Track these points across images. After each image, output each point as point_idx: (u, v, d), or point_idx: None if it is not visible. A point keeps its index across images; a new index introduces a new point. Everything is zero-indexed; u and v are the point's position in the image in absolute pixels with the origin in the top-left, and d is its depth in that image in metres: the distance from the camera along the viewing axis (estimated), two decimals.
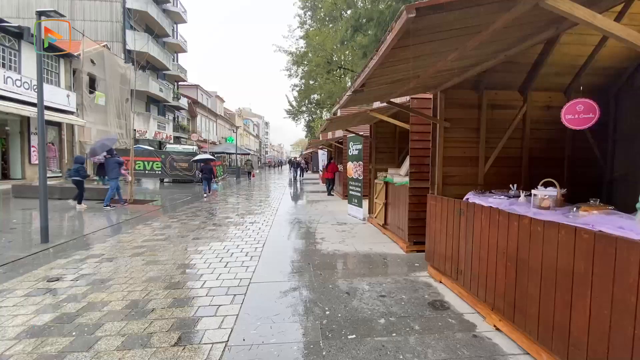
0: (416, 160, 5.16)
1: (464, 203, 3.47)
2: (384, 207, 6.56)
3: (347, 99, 3.10)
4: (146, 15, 25.18)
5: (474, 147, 4.35)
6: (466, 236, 3.40)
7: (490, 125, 4.34)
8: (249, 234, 6.58)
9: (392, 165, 7.60)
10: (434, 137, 4.32)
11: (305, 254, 5.27)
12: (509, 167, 4.45)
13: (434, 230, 4.11)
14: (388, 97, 3.91)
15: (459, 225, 3.54)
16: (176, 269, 4.53)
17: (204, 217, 8.58)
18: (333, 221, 8.06)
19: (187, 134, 33.24)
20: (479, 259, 3.17)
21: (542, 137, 4.44)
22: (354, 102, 3.60)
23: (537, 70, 4.15)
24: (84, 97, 18.92)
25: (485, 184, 4.35)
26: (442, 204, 3.90)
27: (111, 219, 8.17)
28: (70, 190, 11.39)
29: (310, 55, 25.32)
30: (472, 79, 4.21)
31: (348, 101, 3.24)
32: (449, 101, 4.24)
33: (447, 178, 4.32)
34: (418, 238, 5.21)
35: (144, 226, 7.40)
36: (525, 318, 2.54)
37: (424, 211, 5.13)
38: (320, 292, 3.71)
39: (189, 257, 5.05)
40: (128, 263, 4.78)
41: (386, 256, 5.11)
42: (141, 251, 5.37)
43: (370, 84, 2.67)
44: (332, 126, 6.66)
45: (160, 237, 6.32)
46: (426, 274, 4.29)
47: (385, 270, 4.49)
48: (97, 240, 6.12)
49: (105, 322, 3.05)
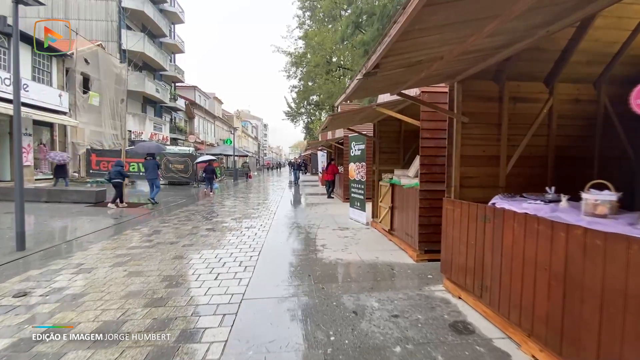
0: (427, 160, 4.69)
1: (489, 208, 3.00)
2: (389, 211, 6.08)
3: (356, 85, 2.63)
4: (142, 14, 24.74)
5: (494, 145, 3.88)
6: (493, 247, 2.93)
7: (512, 121, 3.88)
8: (244, 241, 6.09)
9: (397, 166, 7.14)
10: (451, 134, 3.85)
11: (305, 263, 4.79)
12: (533, 168, 3.99)
13: (452, 239, 3.63)
14: (400, 87, 3.45)
15: (484, 233, 3.07)
16: (160, 281, 4.03)
17: (198, 221, 8.08)
18: (334, 226, 7.58)
19: (184, 136, 32.72)
20: (511, 274, 2.70)
21: (570, 134, 3.98)
22: (363, 91, 3.13)
23: (565, 59, 3.69)
24: (77, 97, 18.41)
25: (507, 186, 3.89)
26: (462, 209, 3.42)
27: (99, 223, 7.65)
28: (59, 193, 10.90)
29: (309, 56, 24.93)
30: (492, 69, 3.76)
31: (357, 88, 2.77)
32: (467, 93, 3.78)
33: (464, 180, 3.86)
34: (429, 246, 4.73)
35: (132, 231, 6.90)
36: (579, 350, 2.06)
37: (436, 216, 4.67)
38: (323, 311, 3.22)
39: (177, 268, 4.55)
40: (108, 274, 4.29)
41: (394, 266, 4.63)
42: (125, 260, 4.88)
43: (385, 66, 2.20)
44: (334, 124, 6.20)
45: (148, 244, 5.82)
46: (442, 288, 3.81)
47: (395, 283, 4.01)
48: (79, 248, 5.61)
49: (68, 351, 2.55)
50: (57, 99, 16.98)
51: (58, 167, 12.94)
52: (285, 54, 26.44)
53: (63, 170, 13.13)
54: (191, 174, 18.59)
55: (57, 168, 12.95)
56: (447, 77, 3.57)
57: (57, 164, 12.90)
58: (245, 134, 60.71)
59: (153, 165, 10.87)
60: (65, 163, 13.36)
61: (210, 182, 14.95)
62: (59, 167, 12.95)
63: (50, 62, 17.19)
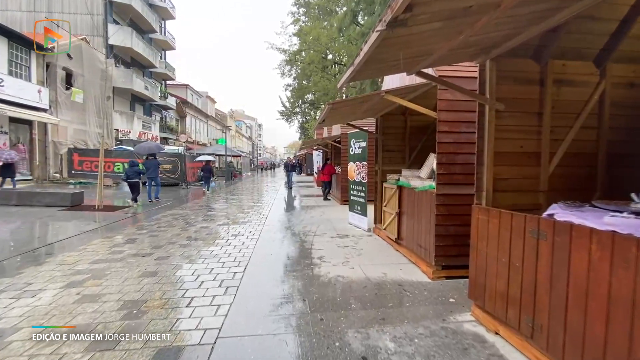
0: (445, 158, 3.93)
1: (546, 221, 2.24)
2: (396, 218, 5.32)
3: (371, 50, 1.82)
4: (130, 8, 23.70)
5: (534, 139, 3.14)
6: (553, 274, 2.17)
7: (555, 109, 3.13)
8: (228, 252, 5.27)
9: (402, 165, 6.38)
10: (481, 126, 3.09)
11: (300, 283, 3.99)
12: (580, 167, 3.24)
13: (484, 257, 2.87)
14: (420, 62, 2.67)
15: (536, 254, 2.31)
16: (118, 309, 3.21)
17: (180, 227, 7.24)
18: (332, 232, 6.79)
19: (175, 135, 31.71)
20: (585, 315, 1.94)
21: (625, 126, 3.24)
22: (375, 63, 2.34)
23: (624, 32, 2.96)
24: (58, 93, 17.41)
25: (549, 190, 3.14)
26: (501, 220, 2.66)
27: (67, 230, 6.77)
28: (31, 196, 9.96)
29: (304, 54, 24.15)
30: (532, 44, 3.02)
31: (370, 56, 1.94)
32: (501, 74, 3.03)
33: (497, 182, 3.10)
34: (448, 260, 3.97)
35: (103, 240, 6.05)
36: None
37: (455, 225, 3.93)
38: (323, 357, 2.43)
39: (143, 289, 3.73)
40: (56, 299, 3.45)
41: (407, 286, 3.86)
42: (82, 279, 4.04)
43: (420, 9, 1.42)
44: (333, 116, 5.41)
45: (117, 257, 4.98)
46: (471, 318, 3.04)
47: (411, 310, 3.23)
48: (34, 261, 4.76)
49: None
50: (37, 95, 16.00)
51: (5, 166, 12.02)
52: (280, 51, 25.65)
53: (10, 170, 12.26)
54: (180, 175, 17.66)
55: (4, 167, 12.02)
56: (480, 50, 2.81)
57: (4, 163, 11.96)
58: (239, 134, 59.71)
59: (155, 165, 11.38)
60: (13, 162, 12.44)
61: (207, 182, 15.49)
62: (5, 166, 12.03)
63: (29, 56, 16.18)
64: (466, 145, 3.98)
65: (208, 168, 15.73)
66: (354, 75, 2.53)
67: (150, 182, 11.39)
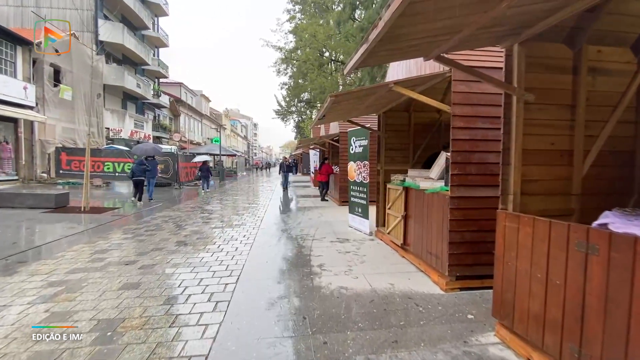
0: (460, 157, 3.55)
1: (598, 232, 1.86)
2: (402, 221, 4.93)
3: (402, 3, 1.39)
4: (122, 4, 23.06)
5: (566, 134, 2.76)
6: (608, 296, 1.79)
7: (589, 101, 2.76)
8: (220, 259, 4.85)
9: (406, 165, 6.01)
10: (508, 120, 2.70)
11: (299, 296, 3.59)
12: (616, 167, 2.88)
13: (514, 271, 2.49)
14: (442, 45, 2.28)
15: (584, 271, 1.93)
16: (89, 332, 2.78)
17: (169, 231, 6.79)
18: (332, 236, 6.39)
19: (168, 134, 31.08)
20: None
21: None
22: (391, 43, 1.92)
23: None
24: (45, 90, 16.79)
25: (583, 193, 2.77)
26: (535, 228, 2.28)
27: (47, 235, 6.30)
28: (13, 197, 9.43)
29: (300, 52, 23.70)
30: (566, 26, 2.64)
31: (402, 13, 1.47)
32: (530, 61, 2.65)
33: (525, 184, 2.72)
34: (463, 270, 3.59)
35: (84, 245, 5.59)
36: None
37: (472, 231, 3.55)
38: None
39: (121, 305, 3.30)
40: (19, 319, 3.01)
41: (418, 299, 3.46)
42: (54, 292, 3.60)
43: None
44: (335, 110, 4.99)
45: (97, 265, 4.54)
46: (496, 340, 2.65)
47: (426, 330, 2.84)
48: (2, 272, 4.30)
49: None
50: (22, 92, 15.37)
51: None
52: (275, 49, 25.16)
53: None
54: (172, 175, 17.14)
55: None
56: (509, 31, 2.43)
57: None
58: (234, 133, 59.06)
59: (154, 166, 11.80)
60: None
61: (206, 181, 15.93)
62: None
63: (14, 51, 15.56)
64: (482, 143, 3.61)
65: (206, 168, 16.18)
66: (365, 58, 2.12)
67: (148, 181, 11.47)
